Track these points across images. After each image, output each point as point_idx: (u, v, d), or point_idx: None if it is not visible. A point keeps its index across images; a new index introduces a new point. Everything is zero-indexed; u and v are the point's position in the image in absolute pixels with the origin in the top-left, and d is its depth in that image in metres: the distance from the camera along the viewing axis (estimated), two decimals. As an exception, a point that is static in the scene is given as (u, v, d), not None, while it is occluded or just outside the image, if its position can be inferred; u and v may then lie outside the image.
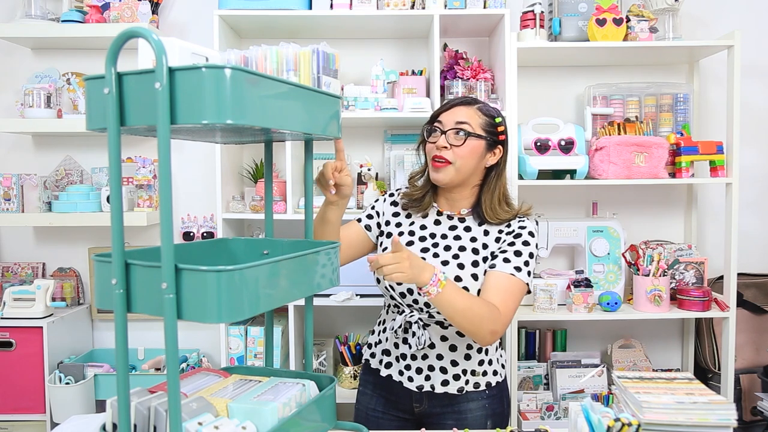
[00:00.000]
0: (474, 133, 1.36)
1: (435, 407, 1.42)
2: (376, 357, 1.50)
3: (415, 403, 1.43)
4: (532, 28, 2.22)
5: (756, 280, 2.43)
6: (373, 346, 1.53)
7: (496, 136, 1.40)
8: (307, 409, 1.03)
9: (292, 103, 0.96)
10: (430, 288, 1.20)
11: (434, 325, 1.40)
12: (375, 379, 1.50)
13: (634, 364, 2.38)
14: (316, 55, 1.96)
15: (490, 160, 1.41)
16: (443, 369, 1.40)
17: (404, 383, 1.42)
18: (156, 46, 0.77)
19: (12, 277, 2.49)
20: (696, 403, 1.05)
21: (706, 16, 2.48)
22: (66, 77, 2.42)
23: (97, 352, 2.45)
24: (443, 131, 1.37)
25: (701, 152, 2.21)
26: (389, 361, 1.46)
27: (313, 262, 1.02)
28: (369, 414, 1.50)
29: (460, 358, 1.40)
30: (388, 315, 1.51)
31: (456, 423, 1.40)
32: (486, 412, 1.42)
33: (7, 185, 2.26)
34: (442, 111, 1.41)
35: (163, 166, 0.80)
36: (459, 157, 1.35)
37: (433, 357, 1.40)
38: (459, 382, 1.40)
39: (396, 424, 1.47)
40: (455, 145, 1.35)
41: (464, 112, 1.38)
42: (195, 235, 2.39)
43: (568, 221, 2.33)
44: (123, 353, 0.85)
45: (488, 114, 1.40)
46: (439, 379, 1.40)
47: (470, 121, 1.37)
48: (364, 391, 1.53)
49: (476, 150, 1.37)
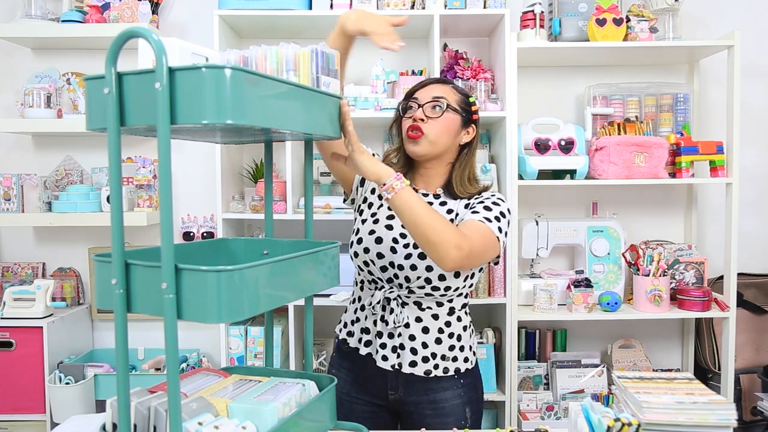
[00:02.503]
0: (451, 106, 1.38)
1: (410, 395, 1.40)
2: (354, 336, 1.46)
3: (390, 390, 1.41)
4: (532, 28, 2.22)
5: (756, 280, 2.43)
6: (350, 324, 1.49)
7: (470, 115, 1.42)
8: (307, 409, 1.03)
9: (292, 103, 0.96)
10: (394, 182, 1.20)
11: (411, 304, 1.39)
12: (350, 363, 1.47)
13: (634, 364, 2.38)
14: (316, 55, 1.96)
15: (464, 138, 1.42)
16: (413, 350, 1.38)
17: (378, 362, 1.40)
18: (156, 46, 0.77)
19: (12, 277, 2.49)
20: (696, 403, 1.05)
21: (706, 16, 2.48)
22: (66, 77, 2.42)
23: (97, 352, 2.45)
24: (420, 105, 1.38)
25: (701, 152, 2.21)
26: (369, 339, 1.43)
27: (313, 262, 1.02)
28: (342, 398, 1.46)
29: (430, 341, 1.39)
30: (363, 292, 1.47)
31: (434, 413, 1.39)
32: (462, 399, 1.42)
33: (7, 185, 2.26)
34: (418, 89, 1.42)
35: (163, 166, 0.80)
36: (434, 129, 1.37)
37: (405, 336, 1.38)
38: (427, 365, 1.39)
39: (370, 409, 1.45)
40: (431, 117, 1.37)
41: (440, 88, 1.40)
42: (195, 235, 2.39)
43: (568, 221, 2.33)
44: (123, 353, 0.85)
45: (463, 93, 1.43)
46: (408, 359, 1.38)
47: (446, 96, 1.39)
48: (338, 375, 1.47)
49: (452, 124, 1.38)
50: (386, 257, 1.38)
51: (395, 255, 1.37)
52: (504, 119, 2.16)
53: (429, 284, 1.35)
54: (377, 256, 1.38)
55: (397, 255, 1.37)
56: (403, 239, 1.38)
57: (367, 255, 1.40)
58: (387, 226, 1.40)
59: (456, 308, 1.43)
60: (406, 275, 1.36)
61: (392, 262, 1.37)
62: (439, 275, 1.35)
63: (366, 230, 1.42)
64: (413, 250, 1.36)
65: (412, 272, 1.35)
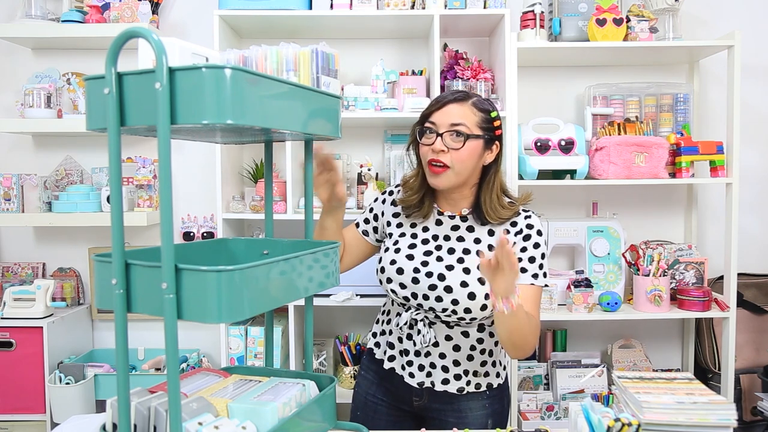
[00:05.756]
0: (472, 134, 1.29)
1: (435, 403, 1.41)
2: (380, 347, 1.48)
3: (414, 397, 1.42)
4: (532, 28, 2.22)
5: (756, 280, 2.43)
6: (378, 335, 1.50)
7: (493, 132, 1.32)
8: (307, 409, 1.03)
9: (292, 103, 0.96)
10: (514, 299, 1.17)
11: (440, 324, 1.38)
12: (377, 368, 1.47)
13: (634, 364, 2.38)
14: (316, 55, 1.97)
15: (488, 158, 1.34)
16: (445, 368, 1.38)
17: (405, 378, 1.41)
18: (156, 46, 0.77)
19: (12, 277, 2.49)
20: (696, 403, 1.05)
21: (706, 16, 2.48)
22: (66, 77, 2.42)
23: (97, 352, 2.45)
24: (439, 133, 1.29)
25: (701, 152, 2.21)
26: (393, 354, 1.43)
27: (313, 262, 1.02)
28: (368, 399, 1.47)
29: (462, 358, 1.39)
30: (393, 307, 1.47)
31: (456, 421, 1.39)
32: (487, 411, 1.42)
33: (7, 185, 2.26)
34: (435, 110, 1.32)
35: (163, 166, 0.80)
36: (458, 160, 1.29)
37: (436, 355, 1.38)
38: (460, 382, 1.39)
39: (394, 413, 1.45)
40: (453, 148, 1.28)
41: (458, 110, 1.30)
42: (195, 235, 2.39)
43: (568, 221, 2.33)
44: (123, 353, 0.85)
45: (483, 109, 1.32)
46: (440, 377, 1.38)
47: (466, 120, 1.29)
48: (365, 376, 1.50)
49: (475, 151, 1.30)
50: (408, 288, 1.36)
51: (417, 285, 1.35)
52: (504, 119, 2.16)
53: (455, 314, 1.34)
54: (400, 287, 1.37)
55: (420, 285, 1.34)
56: (425, 267, 1.34)
57: (390, 285, 1.39)
58: (408, 256, 1.37)
59: (486, 324, 1.40)
60: (431, 306, 1.35)
61: (414, 293, 1.35)
62: (465, 308, 1.32)
63: (387, 260, 1.39)
64: (438, 282, 1.32)
65: (437, 303, 1.34)
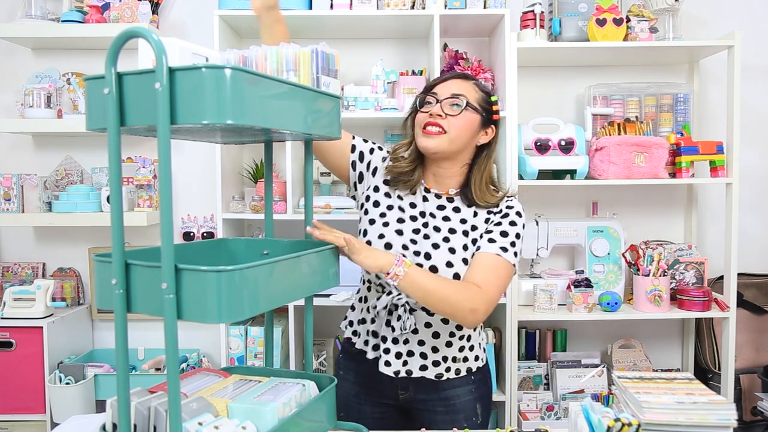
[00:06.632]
0: (471, 104, 1.31)
1: (420, 393, 1.38)
2: (360, 336, 1.41)
3: (400, 390, 1.39)
4: (532, 28, 2.22)
5: (756, 280, 2.43)
6: (356, 324, 1.44)
7: (491, 114, 1.36)
8: (307, 409, 1.03)
9: (292, 103, 0.96)
10: (396, 269, 1.18)
11: (420, 310, 1.34)
12: (357, 364, 1.43)
13: (634, 364, 2.38)
14: (316, 55, 1.96)
15: (482, 139, 1.36)
16: (423, 354, 1.35)
17: (380, 367, 1.35)
18: (156, 46, 0.77)
19: (12, 277, 2.49)
20: (696, 403, 1.05)
21: (706, 16, 2.48)
22: (66, 77, 2.42)
23: (97, 352, 2.45)
24: (438, 100, 1.31)
25: (701, 152, 2.21)
26: (376, 342, 1.38)
27: (313, 262, 1.02)
28: (351, 401, 1.43)
29: (441, 344, 1.36)
30: (370, 292, 1.40)
31: (445, 410, 1.37)
32: (474, 396, 1.40)
33: (7, 185, 2.26)
34: (438, 82, 1.36)
35: (163, 166, 0.80)
36: (454, 127, 1.30)
37: (414, 342, 1.35)
38: (438, 368, 1.36)
39: (379, 410, 1.42)
40: (450, 115, 1.30)
41: (461, 84, 1.34)
42: (195, 235, 2.39)
43: (568, 221, 2.33)
44: (123, 353, 0.85)
45: (485, 90, 1.37)
46: (417, 364, 1.35)
47: (467, 93, 1.32)
48: (345, 377, 1.44)
49: (471, 123, 1.32)
50: None
51: None
52: (504, 119, 2.16)
53: None
54: None
55: None
56: (414, 245, 1.32)
57: None
58: (397, 231, 1.34)
59: None
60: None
61: None
62: None
63: (375, 233, 1.35)
64: (424, 261, 1.31)
65: None
